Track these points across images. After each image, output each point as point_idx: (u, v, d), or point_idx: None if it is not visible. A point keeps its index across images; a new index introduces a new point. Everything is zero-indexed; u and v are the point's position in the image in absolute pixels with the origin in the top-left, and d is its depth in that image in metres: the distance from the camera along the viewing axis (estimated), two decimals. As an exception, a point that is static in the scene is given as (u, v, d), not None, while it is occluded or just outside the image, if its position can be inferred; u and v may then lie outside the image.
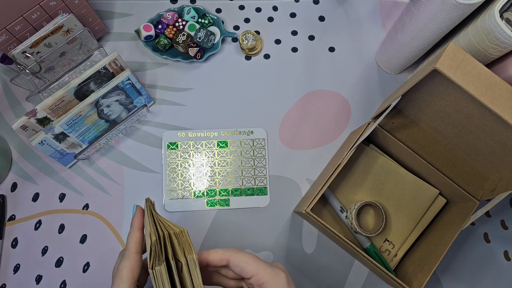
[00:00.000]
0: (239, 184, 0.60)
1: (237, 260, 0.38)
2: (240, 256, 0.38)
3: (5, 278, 0.56)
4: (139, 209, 0.41)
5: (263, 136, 0.62)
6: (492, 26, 0.44)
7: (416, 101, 0.52)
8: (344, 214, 0.57)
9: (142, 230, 0.40)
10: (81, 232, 0.58)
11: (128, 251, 0.38)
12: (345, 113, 0.64)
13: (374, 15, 0.68)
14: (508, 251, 0.60)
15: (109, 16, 0.65)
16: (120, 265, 0.37)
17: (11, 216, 0.58)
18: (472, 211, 0.52)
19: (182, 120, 0.62)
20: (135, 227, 0.40)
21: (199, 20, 0.64)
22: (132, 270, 0.37)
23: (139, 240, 0.39)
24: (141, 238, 0.39)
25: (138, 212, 0.41)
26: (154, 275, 0.34)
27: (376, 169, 0.59)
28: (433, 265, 0.49)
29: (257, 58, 0.65)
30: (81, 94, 0.54)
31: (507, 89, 0.41)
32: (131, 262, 0.37)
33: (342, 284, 0.58)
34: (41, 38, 0.52)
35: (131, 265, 0.37)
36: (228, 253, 0.38)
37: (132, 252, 0.38)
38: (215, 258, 0.38)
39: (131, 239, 0.39)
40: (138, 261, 0.38)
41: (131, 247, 0.38)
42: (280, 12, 0.67)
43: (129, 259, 0.37)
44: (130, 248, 0.38)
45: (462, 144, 0.53)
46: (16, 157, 0.60)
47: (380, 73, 0.65)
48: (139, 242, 0.39)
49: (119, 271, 0.36)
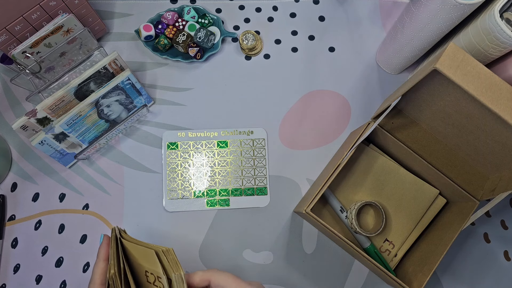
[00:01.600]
0: (239, 184, 0.60)
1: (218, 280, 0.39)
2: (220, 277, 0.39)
3: (5, 278, 0.56)
4: (105, 239, 0.42)
5: (263, 136, 0.62)
6: (492, 26, 0.44)
7: (416, 101, 0.52)
8: (344, 214, 0.57)
9: (107, 260, 0.40)
10: (81, 232, 0.58)
11: (92, 284, 0.39)
12: (345, 113, 0.64)
13: (374, 15, 0.68)
14: (508, 251, 0.60)
15: (109, 16, 0.65)
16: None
17: (11, 216, 0.58)
18: (472, 211, 0.52)
19: (182, 120, 0.62)
20: (101, 257, 0.40)
21: (199, 20, 0.64)
22: None
23: (104, 271, 0.39)
24: (106, 269, 0.40)
25: (104, 242, 0.41)
26: None
27: (376, 169, 0.59)
28: (433, 265, 0.49)
29: (257, 58, 0.65)
30: (81, 94, 0.54)
31: (507, 89, 0.41)
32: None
33: (342, 284, 0.58)
34: (41, 38, 0.52)
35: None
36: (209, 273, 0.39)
37: (97, 284, 0.39)
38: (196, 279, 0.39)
39: (96, 270, 0.39)
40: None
41: (95, 278, 0.39)
42: (280, 12, 0.67)
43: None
44: (95, 280, 0.39)
45: (462, 144, 0.53)
46: (16, 157, 0.60)
47: (380, 73, 0.65)
48: (104, 274, 0.39)
49: None
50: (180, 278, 0.34)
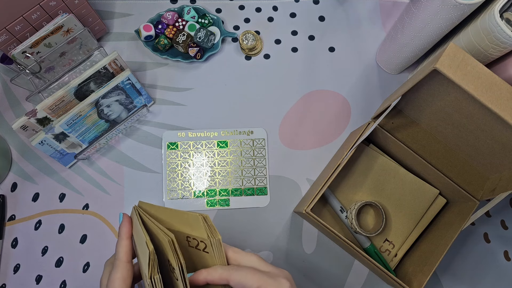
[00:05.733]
0: (239, 184, 0.60)
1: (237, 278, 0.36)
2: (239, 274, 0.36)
3: (5, 278, 0.56)
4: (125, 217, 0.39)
5: (263, 136, 0.62)
6: (492, 26, 0.44)
7: (416, 101, 0.52)
8: (344, 214, 0.57)
9: (131, 238, 0.39)
10: (81, 232, 0.58)
11: (119, 261, 0.36)
12: (345, 113, 0.64)
13: (374, 15, 0.68)
14: (508, 251, 0.60)
15: (109, 16, 0.65)
16: (112, 276, 0.35)
17: (11, 216, 0.58)
18: (472, 211, 0.52)
19: (182, 120, 0.62)
20: (123, 235, 0.38)
21: (199, 20, 0.64)
22: (124, 281, 0.35)
23: (129, 249, 0.37)
24: (130, 247, 0.38)
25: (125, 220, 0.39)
26: (153, 284, 0.33)
27: (376, 169, 0.59)
28: (433, 265, 0.49)
29: (257, 58, 0.65)
30: (81, 94, 0.54)
31: (507, 89, 0.41)
32: (123, 272, 0.36)
33: (342, 284, 0.58)
34: (41, 38, 0.52)
35: (123, 275, 0.36)
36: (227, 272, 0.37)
37: (123, 262, 0.36)
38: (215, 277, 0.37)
39: (120, 248, 0.37)
40: (129, 271, 0.36)
41: (121, 256, 0.37)
42: (280, 12, 0.67)
43: (120, 269, 0.36)
44: (121, 258, 0.37)
45: (462, 144, 0.53)
46: (16, 157, 0.60)
47: (380, 73, 0.65)
48: (129, 251, 0.37)
49: (112, 282, 0.35)
50: (219, 243, 0.36)
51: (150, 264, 0.33)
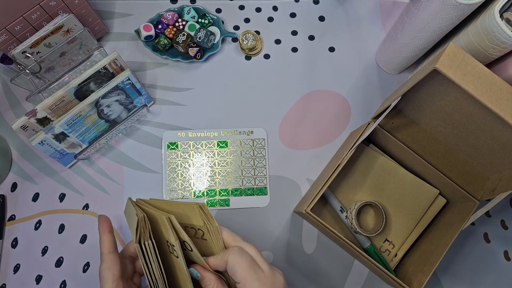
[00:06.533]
0: (239, 184, 0.60)
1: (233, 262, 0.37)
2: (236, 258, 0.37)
3: (5, 278, 0.56)
4: (101, 217, 0.44)
5: (263, 136, 0.62)
6: (492, 26, 0.44)
7: (416, 101, 0.52)
8: (344, 214, 0.57)
9: (110, 233, 0.43)
10: (81, 232, 0.58)
11: (102, 254, 0.41)
12: (345, 113, 0.64)
13: (374, 15, 0.68)
14: (508, 251, 0.60)
15: (109, 16, 0.65)
16: (99, 269, 0.40)
17: (11, 216, 0.58)
18: (472, 211, 0.52)
19: (182, 120, 0.62)
20: (103, 231, 0.42)
21: (199, 20, 0.64)
22: (109, 269, 0.40)
23: (110, 241, 0.42)
24: (112, 240, 0.42)
25: (101, 219, 0.44)
26: (144, 249, 0.35)
27: (376, 169, 0.59)
28: (433, 265, 0.49)
29: (257, 58, 0.65)
30: (81, 94, 0.54)
31: (507, 89, 0.41)
32: (107, 262, 0.40)
33: (342, 284, 0.58)
34: (41, 38, 0.52)
35: (107, 265, 0.40)
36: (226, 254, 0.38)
37: (106, 254, 0.41)
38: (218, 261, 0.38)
39: (102, 243, 0.42)
40: (113, 260, 0.40)
41: (103, 250, 0.41)
42: (280, 12, 0.67)
43: (104, 261, 0.40)
44: (103, 251, 0.41)
45: (462, 144, 0.53)
46: (16, 157, 0.60)
47: (380, 73, 0.65)
48: (111, 243, 0.42)
49: (100, 274, 0.40)
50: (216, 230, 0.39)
51: (138, 231, 0.36)
